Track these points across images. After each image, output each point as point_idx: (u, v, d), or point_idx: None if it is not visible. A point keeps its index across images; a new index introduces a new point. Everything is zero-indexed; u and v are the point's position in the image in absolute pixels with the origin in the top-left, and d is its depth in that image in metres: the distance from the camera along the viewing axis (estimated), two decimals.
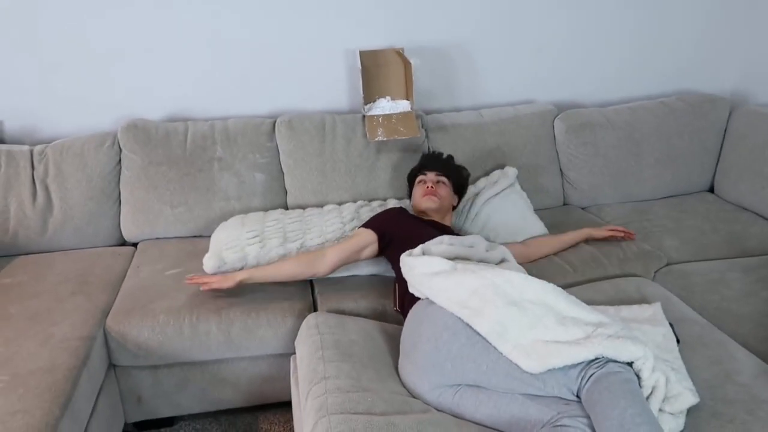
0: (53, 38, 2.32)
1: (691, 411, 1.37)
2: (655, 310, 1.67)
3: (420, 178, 2.11)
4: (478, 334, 1.40)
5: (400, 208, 2.05)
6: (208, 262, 1.97)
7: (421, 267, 1.61)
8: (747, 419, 1.34)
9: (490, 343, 1.38)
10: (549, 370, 1.30)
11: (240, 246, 2.00)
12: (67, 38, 2.33)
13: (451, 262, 1.60)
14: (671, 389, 1.33)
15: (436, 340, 1.45)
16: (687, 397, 1.34)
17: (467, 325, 1.42)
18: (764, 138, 2.47)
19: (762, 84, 2.77)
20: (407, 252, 1.70)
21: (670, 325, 1.60)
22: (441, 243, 1.74)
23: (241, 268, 1.97)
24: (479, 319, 1.41)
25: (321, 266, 1.90)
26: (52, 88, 2.38)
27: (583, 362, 1.29)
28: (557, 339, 1.34)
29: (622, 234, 2.20)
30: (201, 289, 1.91)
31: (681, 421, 1.33)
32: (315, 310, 1.95)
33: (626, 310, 1.69)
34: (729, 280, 1.97)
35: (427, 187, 2.04)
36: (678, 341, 1.55)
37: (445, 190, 2.06)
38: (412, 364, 1.50)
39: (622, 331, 1.34)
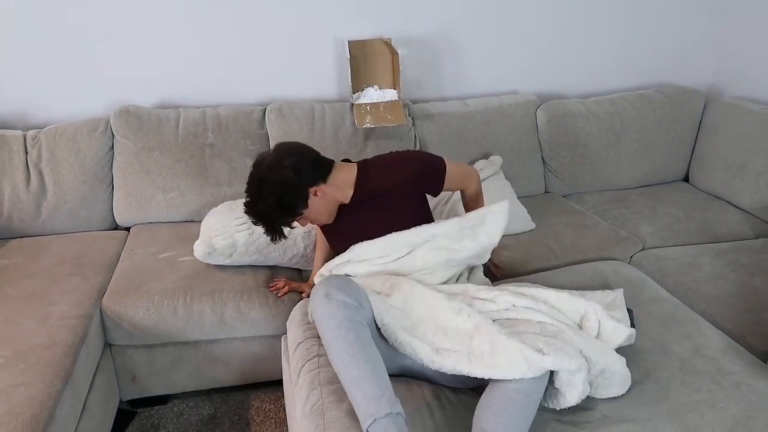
0: (45, 25, 2.34)
1: (662, 380, 1.47)
2: (616, 295, 1.66)
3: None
4: None
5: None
6: (198, 249, 2.02)
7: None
8: (713, 388, 1.44)
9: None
10: None
11: (229, 233, 2.04)
12: (59, 25, 2.35)
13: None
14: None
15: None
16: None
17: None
18: (736, 130, 2.57)
19: (736, 78, 2.87)
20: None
21: (629, 311, 1.61)
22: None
23: (231, 255, 2.02)
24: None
25: (322, 242, 1.98)
26: (44, 74, 2.41)
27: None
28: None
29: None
30: (278, 296, 1.97)
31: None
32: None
33: (590, 294, 1.68)
34: (700, 264, 2.06)
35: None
36: (633, 325, 1.57)
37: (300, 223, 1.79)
38: None
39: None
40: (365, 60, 2.53)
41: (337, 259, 1.72)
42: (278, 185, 1.65)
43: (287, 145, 1.75)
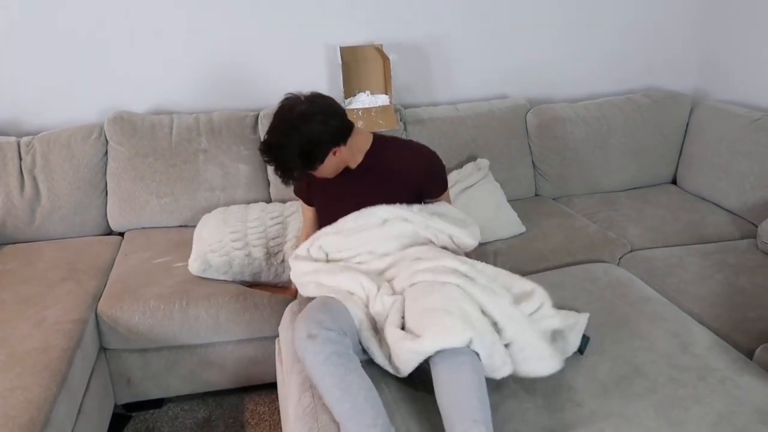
0: (39, 31, 2.36)
1: (649, 375, 1.50)
2: (579, 319, 1.63)
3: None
4: None
5: None
6: (194, 264, 2.03)
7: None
8: (699, 384, 1.47)
9: None
10: None
11: (225, 251, 2.06)
12: (52, 31, 2.37)
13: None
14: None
15: None
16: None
17: None
18: (722, 132, 2.62)
19: (720, 82, 2.92)
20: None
21: (585, 337, 1.60)
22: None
23: (226, 272, 2.03)
24: None
25: (309, 229, 1.98)
26: (38, 80, 2.42)
27: None
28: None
29: None
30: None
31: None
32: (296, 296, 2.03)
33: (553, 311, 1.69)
34: (687, 264, 2.10)
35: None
36: (581, 353, 1.58)
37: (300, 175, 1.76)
38: None
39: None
40: (357, 66, 2.56)
41: (314, 235, 1.77)
42: (306, 137, 1.63)
43: (322, 100, 1.72)
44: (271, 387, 2.13)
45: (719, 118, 2.67)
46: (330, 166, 1.74)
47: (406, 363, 1.41)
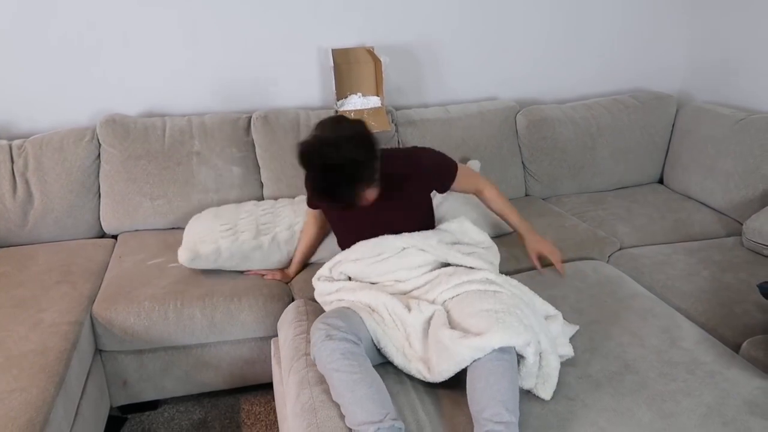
0: (30, 34, 2.36)
1: (640, 370, 1.53)
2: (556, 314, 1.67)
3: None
4: None
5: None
6: (183, 254, 2.04)
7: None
8: (688, 378, 1.51)
9: None
10: None
11: (213, 239, 2.07)
12: (44, 35, 2.37)
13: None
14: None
15: None
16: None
17: None
18: (708, 133, 2.67)
19: (706, 83, 2.98)
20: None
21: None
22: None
23: (215, 260, 2.04)
24: None
25: (310, 227, 2.06)
26: (30, 84, 2.42)
27: None
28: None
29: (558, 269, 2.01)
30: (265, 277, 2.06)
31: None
32: (292, 296, 2.05)
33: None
34: (674, 262, 2.14)
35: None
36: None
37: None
38: None
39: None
40: (349, 68, 2.58)
41: (335, 259, 1.81)
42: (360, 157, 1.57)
43: (360, 128, 1.65)
44: (267, 387, 2.15)
45: (704, 118, 2.72)
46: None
47: (459, 362, 1.40)
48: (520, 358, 1.44)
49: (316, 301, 1.87)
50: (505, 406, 1.31)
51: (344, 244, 1.86)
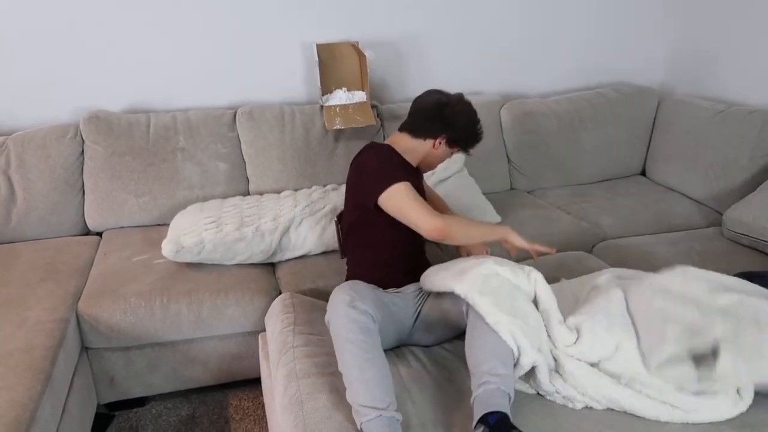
0: (10, 30, 2.33)
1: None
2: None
3: (456, 149, 1.89)
4: None
5: (393, 150, 1.83)
6: (166, 247, 2.04)
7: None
8: None
9: None
10: None
11: (197, 231, 2.07)
12: (24, 30, 2.35)
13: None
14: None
15: None
16: None
17: None
18: (689, 125, 2.71)
19: (686, 77, 3.02)
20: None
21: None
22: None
23: (199, 252, 2.04)
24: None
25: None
26: (10, 80, 2.39)
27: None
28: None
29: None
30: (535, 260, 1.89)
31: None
32: (279, 290, 2.06)
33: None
34: (656, 252, 2.18)
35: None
36: None
37: None
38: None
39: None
40: (333, 63, 2.58)
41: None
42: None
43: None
44: (255, 382, 2.15)
45: (685, 111, 2.76)
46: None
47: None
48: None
49: (303, 294, 1.89)
50: (501, 361, 1.39)
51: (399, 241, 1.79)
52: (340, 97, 2.56)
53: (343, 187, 2.40)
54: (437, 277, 1.61)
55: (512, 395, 1.37)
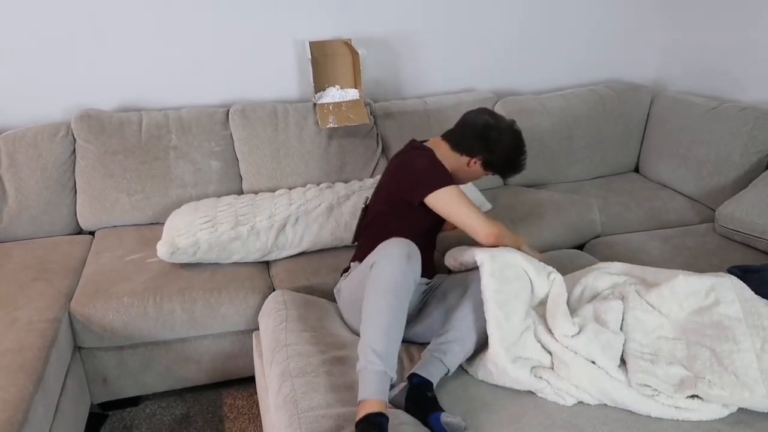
0: (0, 28, 2.32)
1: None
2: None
3: (490, 173, 1.93)
4: None
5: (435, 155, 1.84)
6: (161, 249, 2.03)
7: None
8: None
9: None
10: None
11: (192, 231, 2.07)
12: (14, 28, 2.33)
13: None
14: None
15: None
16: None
17: None
18: (682, 122, 2.72)
19: (679, 74, 3.03)
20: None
21: None
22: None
23: (194, 253, 2.04)
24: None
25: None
26: (0, 79, 2.38)
27: None
28: None
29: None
30: None
31: None
32: (273, 287, 2.05)
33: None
34: (649, 249, 2.19)
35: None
36: None
37: None
38: None
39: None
40: (326, 60, 2.58)
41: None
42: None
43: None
44: (249, 381, 2.16)
45: (678, 108, 2.77)
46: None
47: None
48: None
49: (296, 291, 1.89)
50: (461, 341, 1.54)
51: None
52: (333, 94, 2.55)
53: (339, 185, 2.43)
54: (467, 251, 1.68)
55: (452, 371, 1.52)
